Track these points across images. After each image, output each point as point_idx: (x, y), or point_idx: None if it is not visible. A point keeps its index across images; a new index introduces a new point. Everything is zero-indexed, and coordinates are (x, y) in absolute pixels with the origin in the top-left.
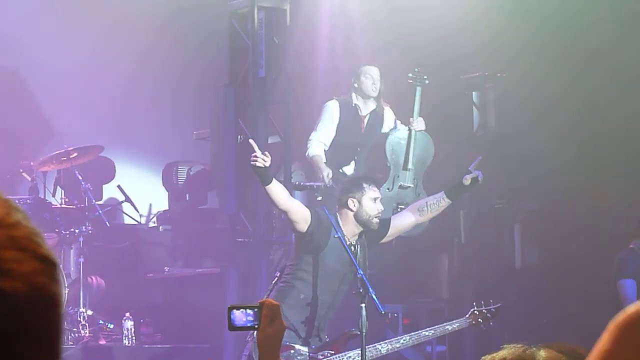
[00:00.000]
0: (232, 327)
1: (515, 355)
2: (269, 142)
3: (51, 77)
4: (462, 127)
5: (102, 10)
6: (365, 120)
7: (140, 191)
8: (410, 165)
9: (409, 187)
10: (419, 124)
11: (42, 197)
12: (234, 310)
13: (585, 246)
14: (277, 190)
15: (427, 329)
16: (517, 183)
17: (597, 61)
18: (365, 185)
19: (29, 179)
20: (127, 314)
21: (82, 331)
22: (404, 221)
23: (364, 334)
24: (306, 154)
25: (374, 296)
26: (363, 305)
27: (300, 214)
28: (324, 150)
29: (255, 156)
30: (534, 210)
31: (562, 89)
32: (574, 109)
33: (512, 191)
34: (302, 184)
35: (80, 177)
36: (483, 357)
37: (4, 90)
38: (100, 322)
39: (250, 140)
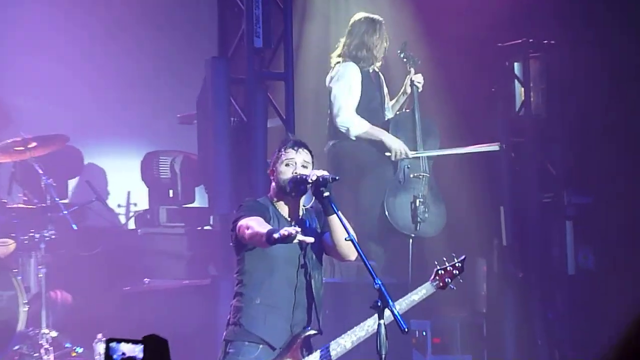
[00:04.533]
0: None
1: None
2: (269, 125)
3: (6, 56)
4: (502, 105)
5: None
6: (382, 83)
7: (114, 187)
8: (422, 147)
9: (424, 175)
10: (418, 77)
11: None
12: (114, 344)
13: None
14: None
15: (394, 303)
16: (568, 172)
17: None
18: (281, 151)
19: None
20: (99, 336)
21: (44, 357)
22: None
23: (383, 356)
24: (351, 132)
25: (395, 311)
26: (381, 322)
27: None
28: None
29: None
30: (589, 205)
31: (624, 59)
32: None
33: (562, 182)
34: (325, 177)
35: (40, 171)
36: None
37: None
38: (67, 345)
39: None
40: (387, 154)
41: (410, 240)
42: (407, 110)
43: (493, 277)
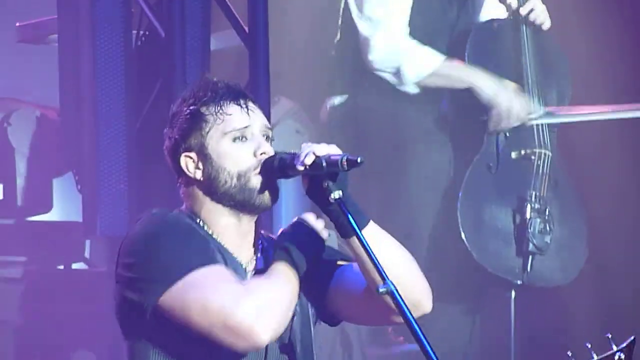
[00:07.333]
0: None
1: None
2: (212, 47)
3: None
4: None
5: None
6: None
7: None
8: (536, 100)
9: (542, 154)
10: (533, 7)
11: None
12: None
13: None
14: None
15: None
16: None
17: None
18: (208, 106)
19: None
20: None
21: None
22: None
23: None
24: (407, 76)
25: None
26: None
27: None
28: None
29: None
30: None
31: None
32: None
33: None
34: (336, 159)
35: None
36: None
37: None
38: None
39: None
40: (484, 118)
41: (513, 294)
42: (510, 18)
43: None
